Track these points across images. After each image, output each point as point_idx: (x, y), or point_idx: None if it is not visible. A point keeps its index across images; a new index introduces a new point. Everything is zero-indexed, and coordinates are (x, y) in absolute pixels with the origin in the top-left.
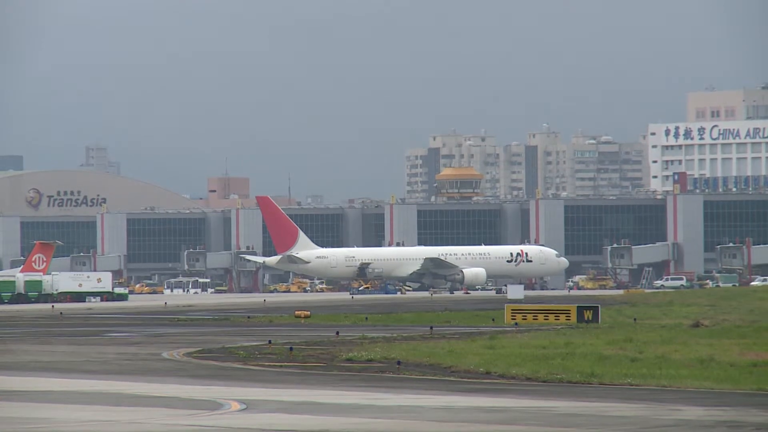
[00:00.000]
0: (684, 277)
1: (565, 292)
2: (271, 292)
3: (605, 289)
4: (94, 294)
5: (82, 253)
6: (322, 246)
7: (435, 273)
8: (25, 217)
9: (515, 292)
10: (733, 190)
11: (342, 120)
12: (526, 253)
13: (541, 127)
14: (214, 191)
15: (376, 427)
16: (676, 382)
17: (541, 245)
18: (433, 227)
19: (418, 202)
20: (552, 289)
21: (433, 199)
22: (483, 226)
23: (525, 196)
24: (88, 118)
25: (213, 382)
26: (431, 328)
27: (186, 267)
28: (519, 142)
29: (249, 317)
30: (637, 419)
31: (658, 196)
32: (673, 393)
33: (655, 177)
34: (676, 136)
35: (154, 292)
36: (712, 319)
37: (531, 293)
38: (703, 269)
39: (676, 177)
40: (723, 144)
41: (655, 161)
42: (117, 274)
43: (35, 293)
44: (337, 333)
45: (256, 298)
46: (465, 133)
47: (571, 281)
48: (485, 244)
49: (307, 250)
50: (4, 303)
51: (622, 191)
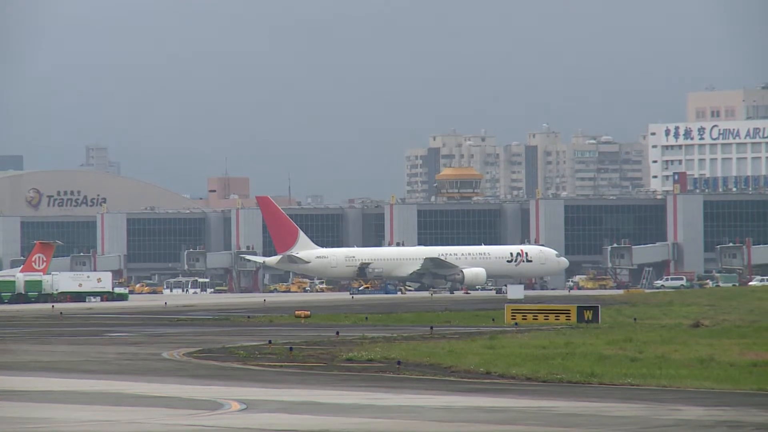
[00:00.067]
0: (684, 277)
1: (565, 292)
2: (271, 292)
3: (605, 289)
4: (94, 294)
5: (82, 253)
6: (322, 246)
7: (435, 273)
8: (25, 217)
9: (515, 292)
10: (733, 190)
11: (342, 120)
12: (526, 253)
13: (541, 127)
14: (214, 191)
15: (376, 427)
16: (676, 382)
17: (541, 245)
18: (433, 227)
19: (418, 202)
20: (552, 289)
21: (433, 199)
22: (483, 226)
23: (525, 196)
24: (88, 118)
25: (213, 382)
26: (431, 328)
27: (186, 267)
28: (519, 142)
29: (249, 317)
30: (637, 419)
31: (658, 196)
32: (673, 393)
33: (655, 177)
34: (676, 136)
35: (154, 292)
36: (712, 319)
37: (531, 293)
38: (703, 269)
39: (676, 177)
40: (723, 144)
41: (655, 161)
42: (117, 274)
43: (35, 293)
44: (337, 333)
45: (256, 298)
46: (465, 133)
47: (571, 281)
48: (485, 244)
49: (307, 250)
50: (4, 303)
51: (622, 191)
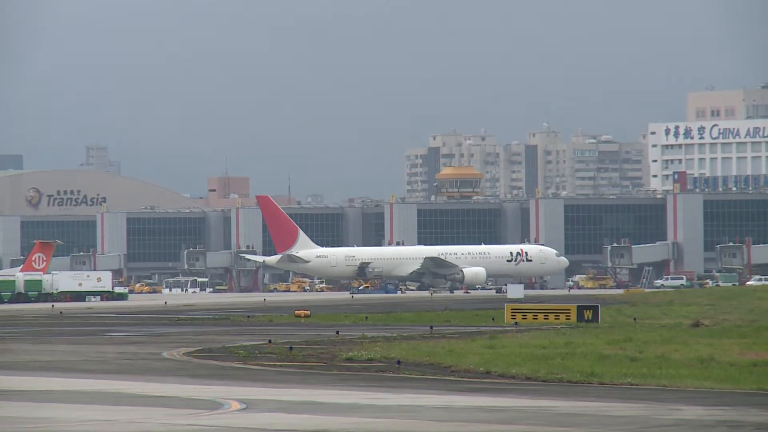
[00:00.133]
0: (684, 276)
1: (565, 292)
2: (271, 291)
3: (605, 288)
4: (94, 293)
5: (82, 253)
6: (322, 245)
7: (435, 272)
8: (25, 217)
9: (515, 291)
10: (733, 189)
11: (342, 120)
12: (526, 253)
13: (541, 127)
14: (214, 191)
15: (376, 427)
16: (676, 382)
17: (541, 245)
18: (433, 226)
19: (418, 201)
20: (552, 288)
21: (433, 198)
22: (483, 226)
23: (525, 195)
24: (88, 118)
25: (213, 381)
26: (431, 327)
27: (186, 266)
28: (519, 141)
29: (249, 317)
30: (637, 419)
31: (658, 196)
32: (673, 393)
33: (655, 176)
34: (676, 135)
35: (154, 292)
36: (712, 319)
37: (531, 293)
38: (703, 269)
39: (676, 176)
40: (723, 143)
41: (655, 160)
42: (117, 273)
43: (35, 292)
44: (337, 332)
45: (256, 298)
46: (465, 133)
47: (571, 281)
48: (485, 244)
49: (307, 250)
50: (4, 302)
51: (622, 191)
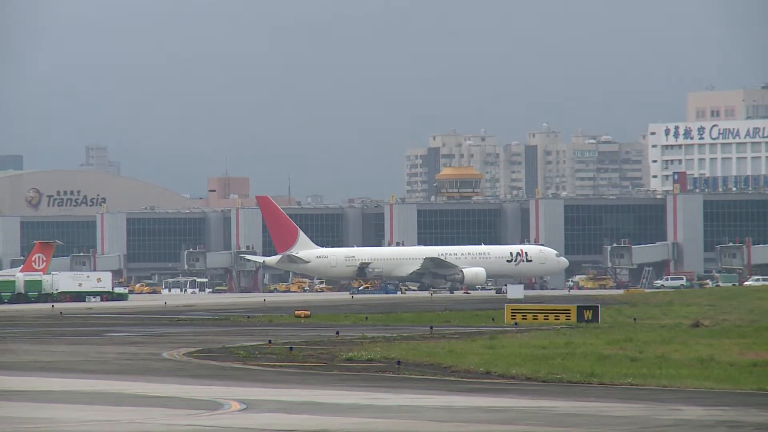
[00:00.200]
0: (684, 276)
1: (565, 292)
2: (270, 291)
3: (605, 288)
4: (94, 294)
5: (82, 253)
6: (322, 246)
7: (435, 273)
8: (25, 217)
9: (515, 291)
10: (733, 189)
11: (342, 120)
12: (526, 253)
13: (541, 127)
14: (214, 191)
15: (376, 427)
16: (676, 382)
17: (541, 245)
18: (433, 227)
19: (418, 201)
20: (552, 288)
21: (433, 198)
22: (483, 226)
23: (525, 195)
24: (88, 118)
25: (213, 382)
26: (431, 327)
27: (186, 267)
28: (519, 141)
29: (249, 317)
30: (637, 419)
31: (658, 196)
32: (673, 393)
33: (655, 177)
34: (676, 135)
35: (154, 292)
36: (712, 319)
37: (531, 293)
38: (703, 269)
39: (676, 177)
40: (723, 144)
41: (655, 161)
42: (117, 273)
43: (35, 293)
44: (337, 333)
45: (256, 298)
46: (465, 133)
47: (571, 281)
48: (485, 244)
49: (307, 250)
50: (4, 303)
51: (622, 191)
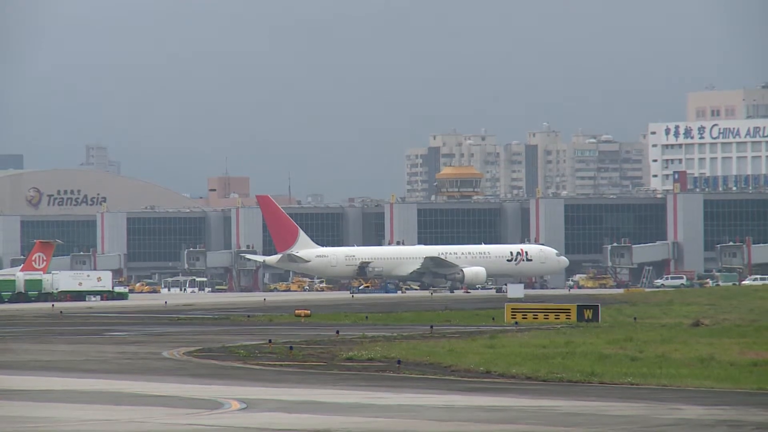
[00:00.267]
0: (684, 276)
1: (565, 291)
2: (271, 291)
3: (605, 288)
4: (94, 293)
5: (82, 252)
6: (323, 245)
7: (435, 272)
8: (25, 216)
9: (515, 291)
10: (733, 189)
11: (342, 120)
12: (526, 252)
13: (541, 127)
14: (214, 190)
15: (377, 426)
16: (676, 382)
17: (541, 244)
18: (433, 226)
19: (418, 201)
20: (552, 288)
21: (433, 198)
22: (483, 225)
23: (525, 195)
24: (88, 118)
25: (213, 381)
26: (431, 327)
27: (186, 266)
28: (519, 141)
29: (249, 316)
30: (638, 418)
31: (659, 195)
32: (673, 392)
33: (655, 176)
34: (677, 135)
35: (154, 291)
36: (713, 319)
37: (531, 292)
38: (703, 268)
39: (677, 176)
40: (723, 143)
41: (655, 160)
42: (117, 273)
43: (35, 292)
44: (337, 332)
45: (256, 297)
46: (465, 133)
47: (571, 280)
48: (485, 243)
49: (307, 249)
50: (4, 302)
51: (622, 190)
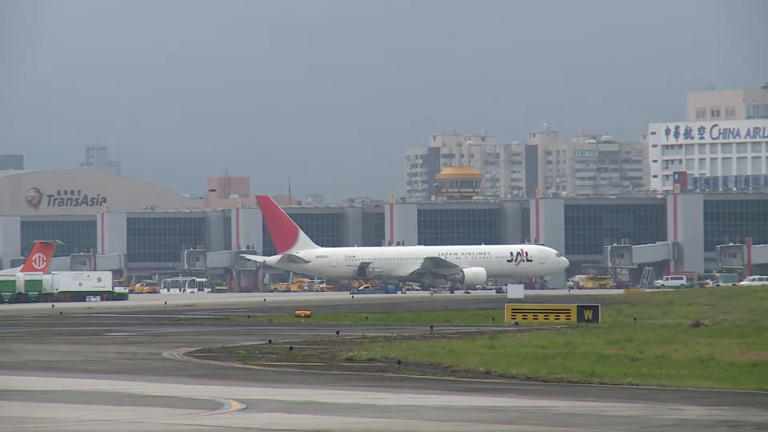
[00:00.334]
0: (684, 276)
1: (565, 292)
2: (271, 291)
3: (605, 288)
4: (94, 293)
5: (82, 253)
6: (323, 245)
7: (435, 272)
8: (26, 217)
9: (515, 291)
10: (734, 189)
11: (342, 120)
12: (526, 253)
13: (541, 127)
14: (214, 191)
15: (377, 427)
16: (676, 382)
17: (541, 245)
18: (433, 227)
19: (418, 201)
20: (552, 288)
21: (433, 198)
22: (483, 226)
23: (525, 195)
24: (88, 118)
25: (213, 381)
26: (431, 327)
27: (186, 266)
28: (519, 141)
29: (249, 317)
30: (638, 419)
31: (659, 196)
32: (673, 392)
33: (655, 176)
34: (677, 135)
35: (154, 292)
36: (713, 319)
37: (531, 293)
38: (704, 269)
39: (677, 176)
40: (723, 143)
41: (655, 161)
42: (117, 273)
43: (35, 292)
44: (337, 332)
45: (256, 298)
46: (465, 133)
47: (571, 281)
48: (485, 244)
49: (307, 250)
50: (4, 302)
51: (622, 191)
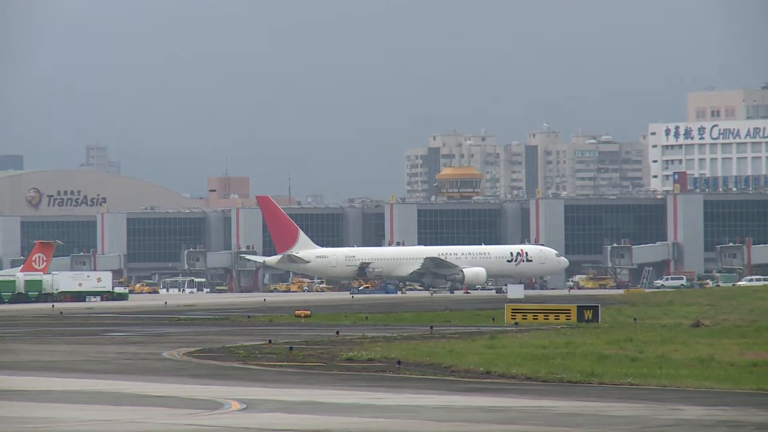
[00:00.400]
0: (684, 276)
1: (565, 292)
2: (271, 291)
3: (605, 288)
4: (94, 293)
5: (82, 253)
6: (323, 245)
7: (435, 272)
8: (26, 217)
9: (515, 291)
10: (733, 189)
11: (342, 120)
12: (526, 253)
13: (541, 127)
14: (214, 191)
15: (376, 427)
16: (676, 382)
17: (541, 245)
18: (433, 227)
19: (418, 201)
20: (552, 288)
21: (433, 198)
22: (483, 226)
23: (525, 195)
24: (88, 118)
25: (213, 381)
26: (431, 327)
27: (186, 266)
28: (519, 141)
29: (249, 317)
30: (637, 419)
31: (659, 196)
32: (673, 393)
33: (655, 176)
34: (676, 135)
35: (154, 292)
36: (713, 319)
37: (531, 293)
38: (703, 269)
39: (677, 176)
40: (723, 144)
41: (655, 161)
42: (117, 273)
43: (35, 293)
44: (337, 332)
45: (256, 298)
46: (465, 133)
47: (571, 281)
48: (485, 244)
49: (307, 250)
50: (4, 302)
51: (622, 191)
